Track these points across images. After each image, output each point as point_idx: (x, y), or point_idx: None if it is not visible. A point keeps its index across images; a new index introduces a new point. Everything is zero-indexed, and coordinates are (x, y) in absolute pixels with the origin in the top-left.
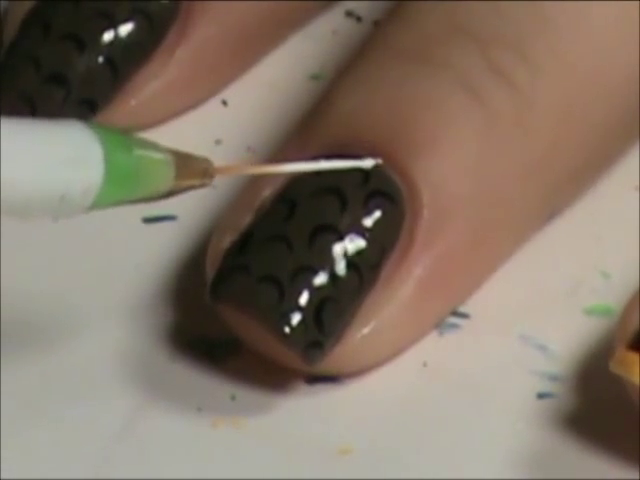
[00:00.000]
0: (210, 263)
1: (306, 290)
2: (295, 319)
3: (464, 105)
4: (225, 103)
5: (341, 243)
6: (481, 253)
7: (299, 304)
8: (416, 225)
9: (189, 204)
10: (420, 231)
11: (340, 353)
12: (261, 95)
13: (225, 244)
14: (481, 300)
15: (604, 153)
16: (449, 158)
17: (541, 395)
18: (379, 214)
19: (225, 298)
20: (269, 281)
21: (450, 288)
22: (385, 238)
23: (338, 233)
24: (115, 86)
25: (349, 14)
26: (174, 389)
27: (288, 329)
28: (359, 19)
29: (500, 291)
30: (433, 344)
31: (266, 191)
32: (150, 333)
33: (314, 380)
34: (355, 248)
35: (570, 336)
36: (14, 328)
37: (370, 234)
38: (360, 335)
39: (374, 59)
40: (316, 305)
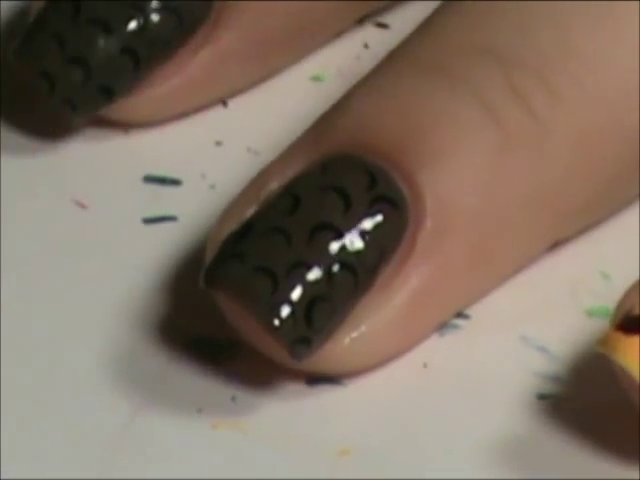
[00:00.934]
0: (209, 250)
1: (299, 285)
2: (285, 312)
3: (479, 122)
4: (225, 104)
5: (340, 243)
6: (479, 271)
7: (291, 298)
8: (418, 234)
9: (189, 204)
10: (421, 240)
11: (327, 353)
12: (262, 96)
13: (226, 233)
14: (482, 301)
15: (616, 190)
16: (458, 172)
17: (541, 396)
18: (381, 219)
19: (218, 284)
20: (264, 272)
21: (443, 302)
22: (385, 243)
23: (338, 233)
24: (135, 77)
25: None
26: (174, 390)
27: (277, 321)
28: (360, 21)
29: (500, 292)
30: (433, 345)
31: (273, 184)
32: (150, 333)
33: (314, 381)
34: (353, 249)
35: (570, 337)
36: (14, 328)
37: (370, 237)
38: (349, 338)
39: (394, 67)
40: (308, 301)
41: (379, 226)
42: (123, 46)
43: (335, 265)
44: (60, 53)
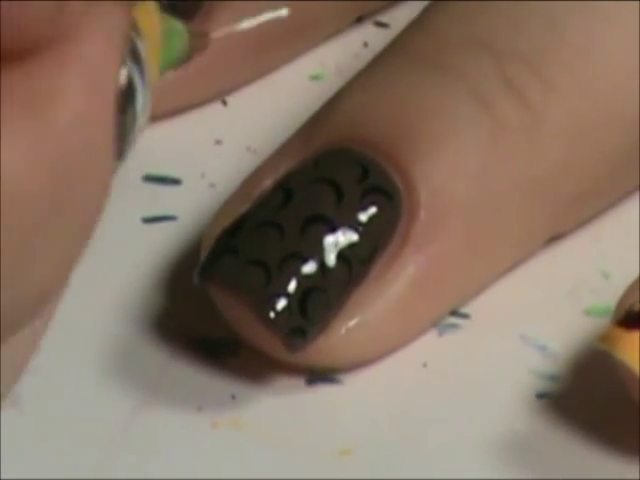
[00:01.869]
0: (204, 247)
1: (294, 277)
2: (280, 304)
3: (472, 114)
4: (225, 103)
5: (333, 234)
6: (476, 261)
7: (286, 290)
8: (412, 225)
9: (189, 204)
10: (415, 231)
11: (324, 345)
12: (261, 95)
13: (220, 230)
14: (481, 300)
15: (613, 181)
16: (451, 163)
17: (541, 395)
18: (374, 210)
19: (212, 279)
20: (257, 265)
21: (442, 292)
22: (379, 234)
23: (331, 224)
24: None
25: None
26: (174, 388)
27: (273, 313)
28: (359, 19)
29: (500, 291)
30: (433, 344)
31: (266, 181)
32: (150, 332)
33: (314, 380)
34: (347, 241)
35: (570, 336)
36: None
37: (364, 229)
38: (345, 328)
39: (388, 62)
40: (302, 293)
41: (373, 218)
42: None
43: (329, 257)
44: None
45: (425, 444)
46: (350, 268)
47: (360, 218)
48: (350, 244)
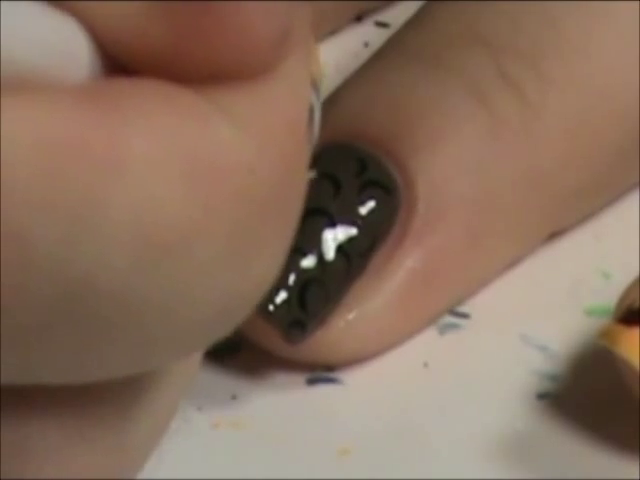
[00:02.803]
0: None
1: (293, 270)
2: (279, 297)
3: (470, 108)
4: None
5: (332, 228)
6: (475, 256)
7: (285, 284)
8: (410, 218)
9: None
10: (414, 225)
11: (323, 338)
12: None
13: None
14: (481, 300)
15: (612, 176)
16: (450, 157)
17: (541, 395)
18: (373, 204)
19: None
20: None
21: (441, 285)
22: (377, 228)
23: (330, 218)
24: None
25: None
26: None
27: (272, 307)
28: (359, 18)
29: (500, 291)
30: (434, 344)
31: None
32: None
33: (314, 381)
34: (346, 235)
35: (570, 336)
36: None
37: (362, 222)
38: (344, 321)
39: (387, 59)
40: (301, 285)
41: (371, 211)
42: None
43: (327, 250)
44: None
45: (425, 444)
46: (349, 261)
47: (359, 212)
48: (349, 238)
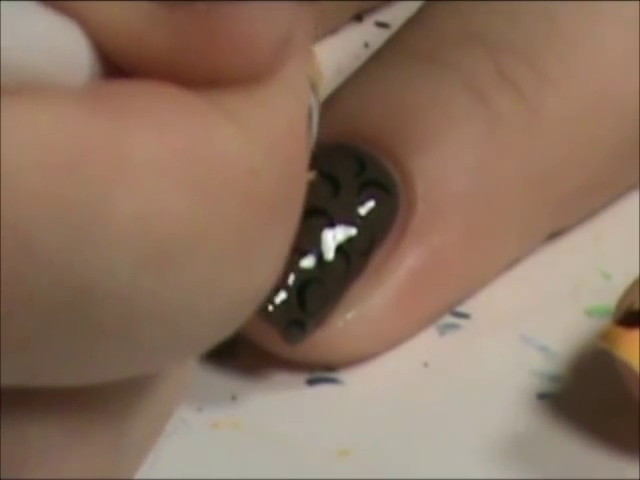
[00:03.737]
0: None
1: (292, 271)
2: (279, 297)
3: (468, 106)
4: None
5: (331, 228)
6: (475, 254)
7: (284, 283)
8: (409, 217)
9: None
10: (413, 224)
11: (322, 337)
12: None
13: None
14: (481, 300)
15: (612, 174)
16: (448, 155)
17: (541, 395)
18: (372, 203)
19: None
20: None
21: (440, 284)
22: (377, 227)
23: (329, 218)
24: None
25: None
26: None
27: (271, 307)
28: (359, 17)
29: (500, 291)
30: (434, 344)
31: None
32: None
33: (314, 381)
34: (345, 234)
35: (571, 336)
36: None
37: (361, 222)
38: (343, 321)
39: (385, 58)
40: (301, 285)
41: (371, 211)
42: None
43: (327, 250)
44: None
45: (425, 444)
46: (348, 261)
47: (358, 212)
48: (348, 237)
